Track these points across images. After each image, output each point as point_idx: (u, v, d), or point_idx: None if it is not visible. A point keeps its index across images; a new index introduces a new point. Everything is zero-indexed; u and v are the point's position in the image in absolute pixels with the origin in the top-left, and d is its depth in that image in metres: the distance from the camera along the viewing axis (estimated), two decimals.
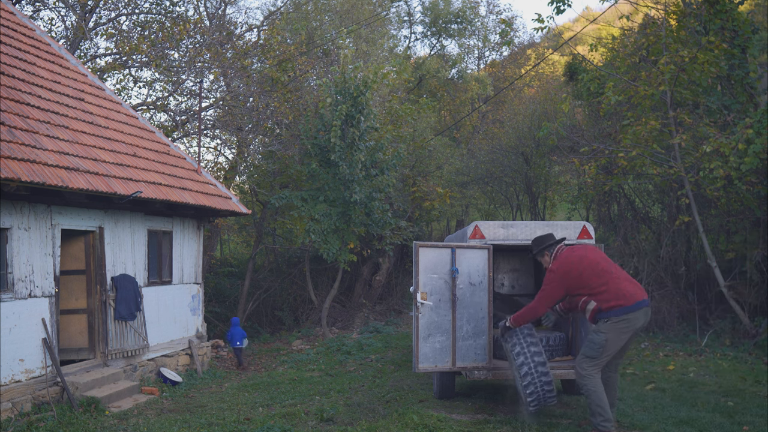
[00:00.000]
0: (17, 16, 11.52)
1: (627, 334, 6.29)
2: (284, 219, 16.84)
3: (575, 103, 18.15)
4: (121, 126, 11.17)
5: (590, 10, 41.95)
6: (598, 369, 6.36)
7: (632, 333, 6.32)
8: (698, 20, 11.37)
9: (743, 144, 9.83)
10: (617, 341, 6.29)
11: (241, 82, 16.19)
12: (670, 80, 11.10)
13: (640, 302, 6.30)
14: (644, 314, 6.33)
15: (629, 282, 6.41)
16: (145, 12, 17.24)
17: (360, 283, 18.72)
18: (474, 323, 7.55)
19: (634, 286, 6.39)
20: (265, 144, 16.81)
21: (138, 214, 10.34)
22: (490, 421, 7.22)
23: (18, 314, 7.92)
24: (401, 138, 16.66)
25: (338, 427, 7.22)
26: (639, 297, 6.32)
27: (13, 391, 7.74)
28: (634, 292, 6.33)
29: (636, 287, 6.39)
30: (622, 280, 6.38)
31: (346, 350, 13.09)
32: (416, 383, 9.55)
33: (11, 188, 7.48)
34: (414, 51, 28.33)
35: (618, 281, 6.36)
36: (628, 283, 6.38)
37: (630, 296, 6.31)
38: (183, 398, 9.37)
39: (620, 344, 6.33)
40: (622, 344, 6.35)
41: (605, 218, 16.64)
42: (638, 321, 6.29)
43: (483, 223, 7.81)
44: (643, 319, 6.34)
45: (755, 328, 11.39)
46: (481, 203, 25.36)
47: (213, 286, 18.59)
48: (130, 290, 9.87)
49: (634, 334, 6.35)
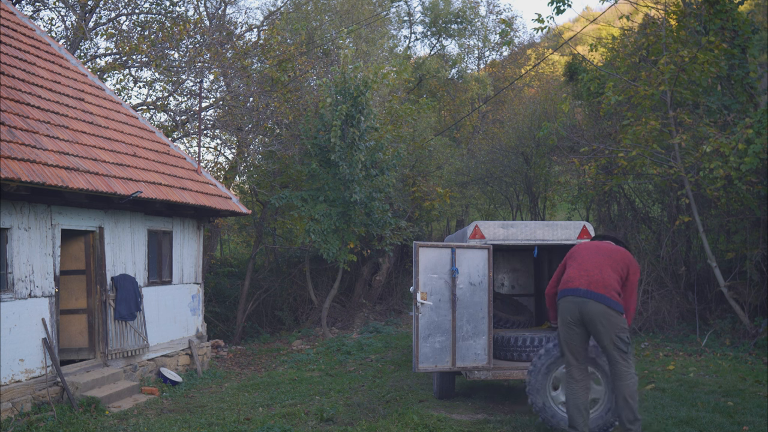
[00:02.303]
0: (17, 16, 11.52)
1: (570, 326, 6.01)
2: (284, 219, 16.84)
3: (575, 103, 18.16)
4: (121, 126, 11.17)
5: (590, 10, 41.99)
6: (568, 368, 6.11)
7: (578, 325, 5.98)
8: (698, 20, 11.37)
9: (743, 144, 9.83)
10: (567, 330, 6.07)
11: (241, 82, 16.19)
12: (670, 80, 11.10)
13: (571, 290, 6.01)
14: (572, 303, 5.97)
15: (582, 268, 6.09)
16: (145, 12, 17.25)
17: (360, 283, 18.72)
18: (474, 323, 7.55)
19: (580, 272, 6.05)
20: (265, 144, 16.81)
21: (138, 214, 10.34)
22: (490, 421, 7.23)
23: (18, 314, 7.92)
24: (401, 138, 16.66)
25: (338, 427, 7.23)
26: (575, 284, 6.02)
27: (13, 391, 7.74)
28: (573, 278, 6.06)
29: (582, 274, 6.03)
30: (584, 265, 6.10)
31: (346, 350, 13.09)
32: (416, 383, 9.55)
33: (11, 188, 7.48)
34: (414, 51, 28.34)
35: (580, 266, 6.11)
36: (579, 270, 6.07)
37: (567, 281, 6.09)
38: (183, 398, 9.37)
39: (571, 336, 6.04)
40: (571, 336, 6.04)
41: (605, 218, 16.63)
42: (570, 312, 5.99)
43: (483, 223, 7.81)
44: (573, 308, 5.97)
45: (755, 328, 11.40)
46: (481, 203, 25.35)
47: (213, 286, 18.59)
48: (130, 290, 9.87)
49: (579, 327, 6.00)
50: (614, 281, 6.01)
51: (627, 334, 5.95)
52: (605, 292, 5.93)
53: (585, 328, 6.03)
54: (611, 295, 5.93)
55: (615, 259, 6.16)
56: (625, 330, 5.95)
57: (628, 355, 5.95)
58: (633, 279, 6.18)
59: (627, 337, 5.94)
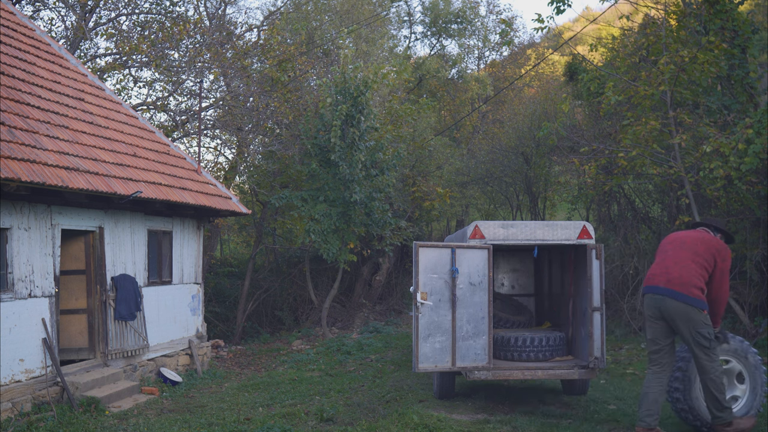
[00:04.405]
0: (17, 16, 11.52)
1: (652, 321, 6.27)
2: (284, 219, 16.84)
3: (575, 103, 18.14)
4: (121, 126, 11.17)
5: (590, 10, 41.96)
6: (650, 359, 6.37)
7: (659, 320, 6.23)
8: (698, 20, 11.36)
9: (743, 144, 9.82)
10: (649, 324, 6.32)
11: (241, 82, 16.19)
12: (670, 80, 11.10)
13: (651, 287, 6.26)
14: (652, 300, 6.24)
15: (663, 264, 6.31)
16: (145, 12, 17.25)
17: (360, 283, 18.72)
18: (474, 323, 7.55)
19: (662, 269, 6.27)
20: (265, 144, 16.81)
21: (138, 214, 10.34)
22: (490, 421, 7.23)
23: (18, 314, 7.92)
24: (401, 138, 16.66)
25: (338, 427, 7.23)
26: (655, 281, 6.26)
27: (13, 391, 7.74)
28: (654, 274, 6.30)
29: (663, 271, 6.25)
30: (665, 261, 6.31)
31: (346, 350, 13.09)
32: (416, 383, 9.55)
33: (11, 188, 7.48)
34: (414, 51, 28.32)
35: (662, 262, 6.33)
36: (661, 267, 6.31)
37: (649, 277, 6.33)
38: (183, 398, 9.37)
39: (651, 329, 6.30)
40: (653, 330, 6.29)
41: (605, 218, 16.63)
42: (651, 308, 6.26)
43: (483, 223, 7.81)
44: (653, 305, 6.24)
45: (755, 328, 11.39)
46: (481, 203, 25.34)
47: (213, 286, 18.59)
48: (130, 290, 9.87)
49: (660, 322, 6.24)
50: (695, 277, 6.15)
51: (708, 330, 6.09)
52: (683, 289, 6.11)
53: (666, 323, 6.27)
54: (690, 292, 6.10)
55: (698, 252, 6.25)
56: (706, 326, 6.11)
57: (710, 350, 6.12)
58: (723, 266, 6.27)
59: (708, 333, 6.09)
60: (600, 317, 7.58)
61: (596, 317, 7.58)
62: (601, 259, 7.65)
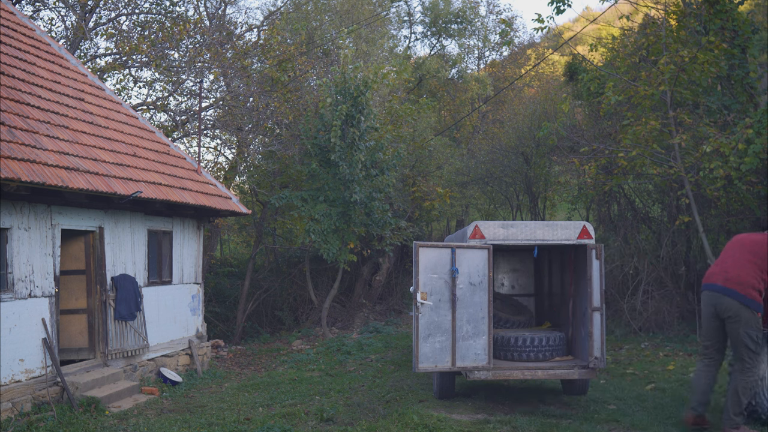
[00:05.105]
0: (17, 16, 11.52)
1: (707, 318, 6.44)
2: (284, 219, 16.84)
3: (575, 103, 18.14)
4: (121, 126, 11.17)
5: (590, 10, 41.98)
6: (702, 351, 6.57)
7: (714, 318, 6.38)
8: (698, 20, 11.36)
9: (743, 144, 9.82)
10: (705, 320, 6.48)
11: (241, 82, 16.19)
12: (670, 80, 11.09)
13: (709, 285, 6.42)
14: (708, 297, 6.40)
15: (723, 264, 6.46)
16: (145, 12, 17.25)
17: (360, 283, 18.72)
18: (474, 323, 7.55)
19: (721, 268, 6.42)
20: (265, 144, 16.81)
21: (138, 214, 10.34)
22: (490, 421, 7.23)
23: (18, 314, 7.92)
24: (401, 138, 16.66)
25: (338, 427, 7.23)
26: (713, 279, 6.42)
27: (13, 391, 7.74)
28: (713, 273, 6.46)
29: (722, 270, 6.40)
30: (725, 261, 6.46)
31: (346, 350, 13.09)
32: (416, 383, 9.55)
33: (11, 188, 7.48)
34: (414, 51, 28.33)
35: (723, 261, 6.47)
36: (721, 266, 6.46)
37: (708, 275, 6.48)
38: (183, 398, 9.37)
39: (706, 325, 6.47)
40: (708, 326, 6.46)
41: (605, 218, 16.63)
42: (707, 305, 6.41)
43: (483, 223, 7.81)
44: (709, 302, 6.39)
45: None
46: (481, 203, 25.34)
47: (213, 286, 18.59)
48: (130, 290, 9.87)
49: (716, 319, 6.38)
50: (753, 278, 6.24)
51: (757, 333, 6.17)
52: (740, 289, 6.23)
53: (721, 322, 6.39)
54: (746, 293, 6.21)
55: (759, 253, 6.34)
56: (757, 329, 6.18)
57: (755, 354, 6.20)
58: None
59: (756, 336, 6.17)
60: (600, 317, 7.59)
61: (596, 317, 7.58)
62: (601, 259, 7.66)
